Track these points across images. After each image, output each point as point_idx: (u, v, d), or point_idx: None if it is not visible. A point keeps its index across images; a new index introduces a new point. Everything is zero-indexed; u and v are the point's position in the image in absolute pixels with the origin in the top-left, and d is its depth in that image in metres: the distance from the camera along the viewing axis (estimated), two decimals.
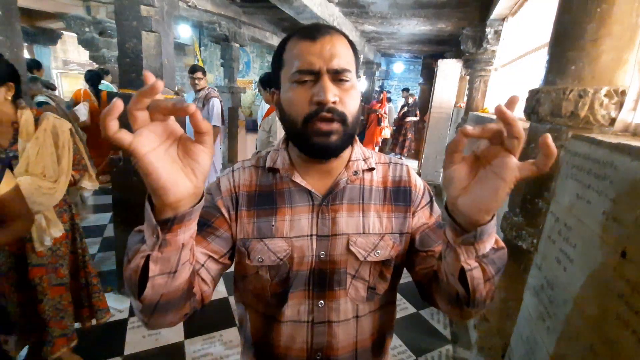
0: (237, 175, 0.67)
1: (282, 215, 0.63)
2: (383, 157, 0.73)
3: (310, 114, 0.56)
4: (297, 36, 0.58)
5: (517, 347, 1.04)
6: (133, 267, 0.45)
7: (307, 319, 0.63)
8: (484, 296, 0.50)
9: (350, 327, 0.65)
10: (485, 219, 0.45)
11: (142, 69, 1.85)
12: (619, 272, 0.63)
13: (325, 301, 0.63)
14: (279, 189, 0.64)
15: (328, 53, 0.55)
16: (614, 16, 0.89)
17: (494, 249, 0.49)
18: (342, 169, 0.65)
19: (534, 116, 1.09)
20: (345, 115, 0.57)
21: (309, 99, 0.56)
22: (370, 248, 0.63)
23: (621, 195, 0.66)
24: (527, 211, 1.11)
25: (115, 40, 3.77)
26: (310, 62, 0.55)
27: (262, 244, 0.62)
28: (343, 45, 0.58)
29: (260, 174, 0.67)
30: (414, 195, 0.68)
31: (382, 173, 0.69)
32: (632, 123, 0.99)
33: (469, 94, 3.70)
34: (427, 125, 6.16)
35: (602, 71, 0.93)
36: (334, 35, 0.58)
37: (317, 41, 0.56)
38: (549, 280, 0.91)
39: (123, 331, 1.94)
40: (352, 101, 0.58)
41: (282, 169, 0.64)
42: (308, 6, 3.23)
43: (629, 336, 0.58)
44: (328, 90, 0.54)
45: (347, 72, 0.57)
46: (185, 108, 0.36)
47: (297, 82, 0.57)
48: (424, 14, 4.12)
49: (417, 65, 10.69)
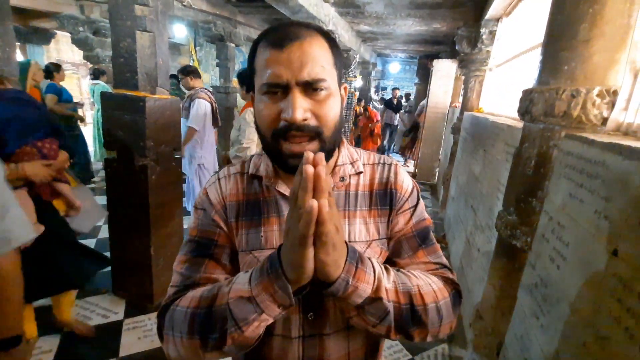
0: (223, 184, 0.64)
1: (271, 225, 0.60)
2: (373, 157, 0.68)
3: (279, 130, 0.52)
4: (265, 42, 0.53)
5: (511, 345, 1.05)
6: (253, 334, 0.49)
7: (297, 333, 0.60)
8: (387, 333, 0.52)
9: (342, 338, 0.61)
10: (328, 279, 0.45)
11: (137, 68, 1.84)
12: (610, 270, 0.63)
13: (315, 314, 0.59)
14: (265, 197, 0.61)
15: (297, 62, 0.50)
16: (606, 17, 0.90)
17: (370, 298, 0.49)
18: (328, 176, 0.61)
19: (527, 116, 1.10)
20: (320, 129, 0.53)
21: (276, 114, 0.52)
22: None
23: (613, 194, 0.67)
24: (521, 210, 1.12)
25: (109, 40, 3.74)
26: (278, 74, 0.50)
27: (251, 257, 0.59)
28: (317, 49, 0.52)
29: (246, 181, 0.64)
30: (398, 197, 0.64)
31: (370, 175, 0.65)
32: (624, 122, 1.00)
33: (464, 93, 3.73)
34: (422, 125, 6.19)
35: (594, 71, 0.94)
36: (305, 39, 0.51)
37: (285, 50, 0.50)
38: (542, 278, 0.91)
39: (118, 333, 1.92)
40: (330, 111, 0.53)
41: (266, 177, 0.61)
42: (304, 6, 3.23)
43: (621, 333, 0.58)
44: (296, 107, 0.50)
45: (321, 81, 0.51)
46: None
47: (266, 94, 0.53)
48: (419, 14, 4.14)
49: (413, 65, 10.73)
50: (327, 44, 0.55)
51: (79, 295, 2.21)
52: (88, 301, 2.17)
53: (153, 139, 1.94)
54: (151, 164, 1.96)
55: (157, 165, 2.00)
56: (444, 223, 3.77)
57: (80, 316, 2.02)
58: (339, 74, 0.57)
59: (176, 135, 2.13)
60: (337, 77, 0.56)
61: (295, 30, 0.52)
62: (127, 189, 2.00)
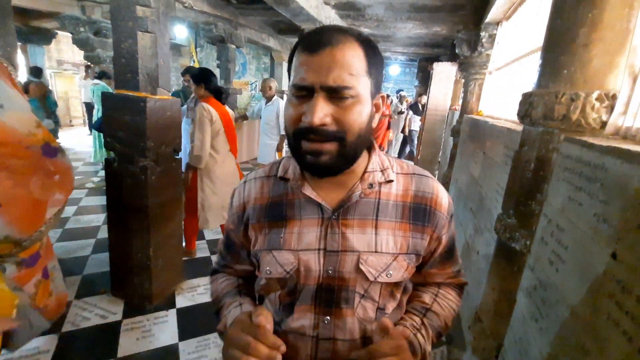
0: (247, 188, 0.67)
1: (291, 227, 0.61)
2: (406, 166, 0.67)
3: (299, 130, 0.54)
4: (302, 45, 0.55)
5: (510, 347, 1.05)
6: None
7: (312, 333, 0.61)
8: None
9: (356, 347, 0.61)
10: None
11: (138, 69, 1.85)
12: (609, 273, 0.64)
13: (332, 318, 0.60)
14: (289, 199, 0.63)
15: (325, 68, 0.51)
16: (605, 21, 0.90)
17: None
18: (357, 182, 0.61)
19: (527, 119, 1.10)
20: (342, 134, 0.53)
21: (299, 115, 0.54)
22: (382, 268, 0.59)
23: (611, 197, 0.67)
24: (520, 213, 1.12)
25: (110, 41, 3.75)
26: (305, 77, 0.52)
27: (270, 256, 0.61)
28: (348, 56, 0.52)
29: (273, 183, 0.66)
30: (437, 216, 0.63)
31: (403, 186, 0.63)
32: (623, 126, 1.01)
33: (464, 96, 3.73)
34: (422, 127, 6.20)
35: (593, 75, 0.94)
36: (337, 45, 0.51)
37: (316, 54, 0.51)
38: (541, 281, 0.92)
39: (116, 333, 1.92)
40: (355, 118, 0.53)
41: (293, 179, 0.62)
42: (304, 8, 3.24)
43: (620, 336, 0.58)
44: (315, 112, 0.51)
45: (346, 88, 0.51)
46: None
47: (295, 96, 0.55)
48: (420, 17, 4.15)
49: (413, 68, 10.76)
50: (363, 51, 0.54)
51: (77, 295, 2.21)
52: (86, 301, 2.16)
53: (153, 139, 1.94)
54: (151, 164, 1.96)
55: (157, 165, 2.00)
56: None
57: (79, 316, 2.02)
58: (375, 82, 0.57)
59: (176, 136, 2.13)
60: (370, 84, 0.56)
61: (331, 35, 0.53)
62: (126, 189, 2.00)
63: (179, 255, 2.40)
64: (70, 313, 2.03)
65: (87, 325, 1.95)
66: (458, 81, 5.38)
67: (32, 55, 6.29)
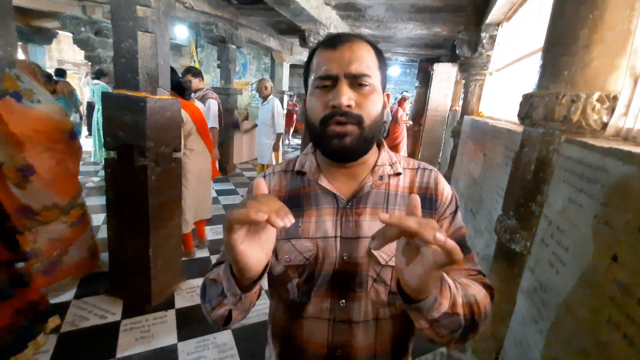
0: (267, 181, 0.71)
1: (309, 217, 0.65)
2: (412, 162, 0.73)
3: (326, 116, 0.59)
4: (322, 46, 0.62)
5: (510, 349, 1.05)
6: (219, 315, 0.60)
7: (328, 316, 0.64)
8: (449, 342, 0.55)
9: (370, 328, 0.65)
10: (421, 297, 0.48)
11: (138, 69, 1.84)
12: (610, 275, 0.63)
13: (347, 301, 0.64)
14: (306, 191, 0.67)
15: (347, 59, 0.58)
16: (606, 22, 0.90)
17: (447, 313, 0.51)
18: (368, 174, 0.66)
19: (527, 120, 1.10)
20: (362, 117, 0.59)
21: (326, 103, 0.59)
22: (392, 253, 0.63)
23: (612, 199, 0.67)
24: (520, 214, 1.12)
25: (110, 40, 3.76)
26: (329, 68, 0.59)
27: (289, 244, 0.65)
28: (364, 51, 0.61)
29: (290, 177, 0.71)
30: (439, 204, 0.67)
31: (410, 179, 0.69)
32: (624, 128, 1.00)
33: (464, 97, 3.73)
34: (423, 127, 6.20)
35: (594, 76, 0.94)
36: (355, 42, 0.61)
37: (338, 49, 0.59)
38: (541, 283, 0.91)
39: (115, 333, 1.91)
40: (372, 105, 0.60)
41: (310, 173, 0.67)
42: (305, 9, 3.24)
43: (620, 339, 0.58)
44: (342, 94, 0.57)
45: (366, 76, 0.59)
46: (274, 222, 0.42)
47: (318, 88, 0.61)
48: (420, 18, 4.15)
49: (414, 69, 10.76)
50: (374, 51, 0.63)
51: (76, 295, 2.21)
52: (85, 301, 2.16)
53: (153, 139, 1.94)
54: (151, 164, 1.96)
55: (157, 165, 2.00)
56: None
57: (77, 316, 2.01)
58: (383, 79, 0.65)
59: (176, 136, 2.13)
60: (380, 79, 0.63)
61: (347, 36, 0.62)
62: (126, 189, 2.00)
63: (179, 256, 2.39)
64: (69, 313, 2.02)
65: (86, 325, 1.95)
66: (458, 82, 5.39)
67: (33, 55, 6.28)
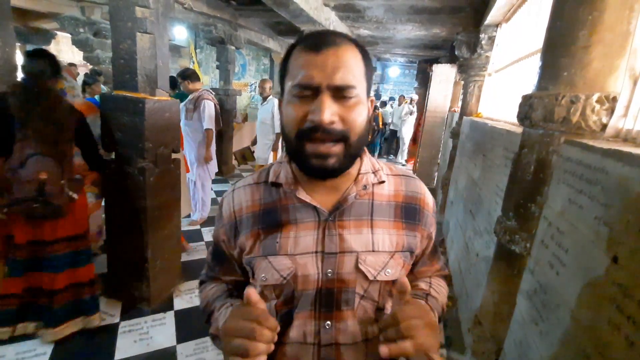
0: (237, 196, 0.65)
1: (287, 232, 0.60)
2: (395, 168, 0.69)
3: (303, 130, 0.53)
4: (302, 45, 0.54)
5: (510, 351, 1.04)
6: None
7: (313, 340, 0.60)
8: None
9: (360, 351, 0.61)
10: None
11: (137, 70, 1.84)
12: (610, 277, 0.63)
13: (333, 322, 0.60)
14: (283, 204, 0.62)
15: (331, 67, 0.51)
16: (605, 23, 0.90)
17: None
18: (351, 184, 0.61)
19: (526, 121, 1.10)
20: (347, 133, 0.53)
21: (304, 114, 0.53)
22: (380, 267, 0.60)
23: (612, 200, 0.66)
24: (520, 215, 1.12)
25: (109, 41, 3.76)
26: (311, 76, 0.51)
27: (266, 262, 0.60)
28: (351, 58, 0.53)
29: (263, 189, 0.64)
30: (425, 215, 0.66)
31: (394, 186, 0.66)
32: (623, 129, 1.00)
33: (463, 98, 3.74)
34: (422, 128, 6.20)
35: (593, 77, 0.94)
36: (341, 46, 0.53)
37: (321, 53, 0.52)
38: (541, 284, 0.91)
39: (114, 335, 1.91)
40: (358, 118, 0.54)
41: (286, 184, 0.61)
42: (304, 10, 3.24)
43: (621, 341, 0.58)
44: (324, 109, 0.50)
45: (351, 88, 0.52)
46: None
47: (297, 96, 0.53)
48: (419, 19, 4.16)
49: (412, 70, 10.79)
50: (360, 55, 0.56)
51: None
52: None
53: (152, 140, 1.93)
54: (149, 165, 1.95)
55: (156, 167, 2.00)
56: (443, 228, 3.76)
57: None
58: (368, 86, 0.58)
59: (175, 137, 2.12)
60: (366, 87, 0.57)
61: (332, 37, 0.54)
62: (125, 190, 1.99)
63: (177, 257, 2.38)
64: None
65: (84, 327, 1.94)
66: (457, 83, 5.39)
67: None
